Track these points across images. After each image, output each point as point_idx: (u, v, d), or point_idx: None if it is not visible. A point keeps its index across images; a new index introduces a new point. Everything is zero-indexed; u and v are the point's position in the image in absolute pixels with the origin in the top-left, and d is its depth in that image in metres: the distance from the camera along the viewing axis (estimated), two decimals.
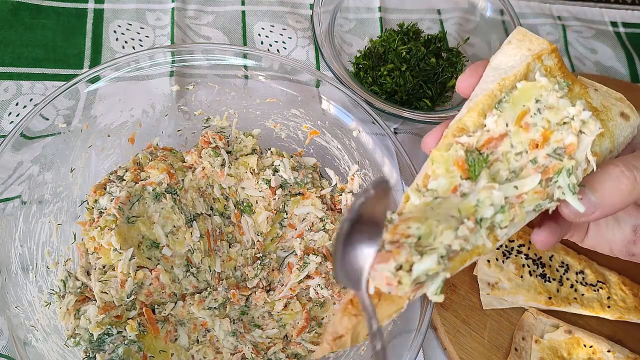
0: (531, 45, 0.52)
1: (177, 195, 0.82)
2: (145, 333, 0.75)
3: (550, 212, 0.50)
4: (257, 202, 0.88)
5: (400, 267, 0.43)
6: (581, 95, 0.52)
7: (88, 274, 0.77)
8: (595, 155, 0.49)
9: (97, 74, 0.81)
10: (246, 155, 0.89)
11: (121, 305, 0.75)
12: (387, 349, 0.74)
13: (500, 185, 0.47)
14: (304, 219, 0.88)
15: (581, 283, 0.90)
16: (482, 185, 0.46)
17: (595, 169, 0.49)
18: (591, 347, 0.84)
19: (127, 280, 0.74)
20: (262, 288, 0.83)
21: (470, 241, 0.45)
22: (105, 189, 0.81)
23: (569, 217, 0.51)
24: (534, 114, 0.49)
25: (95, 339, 0.73)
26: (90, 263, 0.78)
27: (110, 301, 0.74)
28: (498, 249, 0.90)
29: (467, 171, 0.48)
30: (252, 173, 0.87)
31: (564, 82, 0.50)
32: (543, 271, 0.90)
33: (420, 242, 0.44)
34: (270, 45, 1.12)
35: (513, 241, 0.91)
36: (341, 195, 0.90)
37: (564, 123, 0.48)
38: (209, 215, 0.86)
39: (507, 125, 0.48)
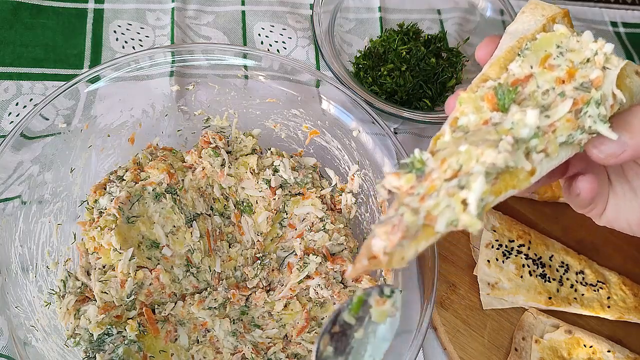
0: (544, 11, 0.54)
1: (177, 195, 0.82)
2: (145, 333, 0.75)
3: (582, 146, 0.50)
4: (257, 202, 0.88)
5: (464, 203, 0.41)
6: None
7: (88, 274, 0.77)
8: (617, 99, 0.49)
9: (97, 74, 0.81)
10: (246, 155, 0.89)
11: (121, 305, 0.75)
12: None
13: (532, 110, 0.46)
14: (304, 219, 0.88)
15: (581, 283, 0.90)
16: (515, 111, 0.46)
17: (624, 100, 0.49)
18: (591, 347, 0.84)
19: (127, 280, 0.74)
20: (262, 288, 0.83)
21: (513, 157, 0.43)
22: (105, 189, 0.81)
23: (598, 158, 0.50)
24: (557, 56, 0.50)
25: (95, 339, 0.73)
26: (90, 263, 0.78)
27: (110, 301, 0.74)
28: (498, 248, 0.90)
29: (497, 105, 0.48)
30: (252, 173, 0.87)
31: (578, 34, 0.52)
32: (543, 271, 0.90)
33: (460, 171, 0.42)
34: (270, 45, 1.12)
35: (513, 241, 0.91)
36: (341, 195, 0.90)
37: (587, 61, 0.49)
38: (209, 215, 0.86)
39: (531, 67, 0.50)
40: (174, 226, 0.81)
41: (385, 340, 0.49)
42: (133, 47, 1.06)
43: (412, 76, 1.03)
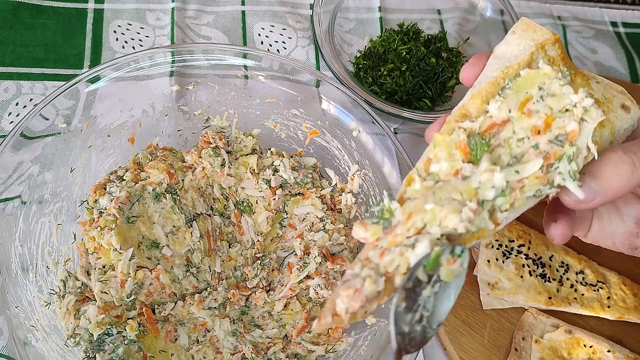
0: (535, 35, 0.52)
1: (177, 195, 0.82)
2: (145, 333, 0.75)
3: (549, 198, 0.51)
4: (257, 202, 0.88)
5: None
6: (583, 85, 0.52)
7: (88, 274, 0.77)
8: (596, 144, 0.49)
9: (97, 74, 0.81)
10: (246, 155, 0.89)
11: (121, 305, 0.75)
12: (386, 349, 0.74)
13: (501, 169, 0.47)
14: (304, 219, 0.88)
15: (581, 283, 0.90)
16: (484, 168, 0.47)
17: (596, 157, 0.49)
18: (591, 347, 0.84)
19: (127, 280, 0.74)
20: (262, 288, 0.83)
21: (474, 223, 0.46)
22: (105, 189, 0.81)
23: (569, 204, 0.51)
24: (537, 101, 0.49)
25: (95, 339, 0.73)
26: (90, 263, 0.78)
27: (110, 301, 0.74)
28: (498, 248, 0.90)
29: (469, 155, 0.48)
30: (252, 173, 0.87)
31: (566, 71, 0.51)
32: (543, 271, 0.90)
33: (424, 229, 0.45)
34: (270, 45, 1.12)
35: (513, 241, 0.91)
36: (341, 195, 0.90)
37: (566, 110, 0.49)
38: (209, 215, 0.86)
39: (509, 111, 0.49)
40: (174, 226, 0.81)
41: (449, 301, 0.47)
42: (133, 47, 1.06)
43: (412, 76, 1.03)
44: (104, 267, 0.77)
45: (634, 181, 0.50)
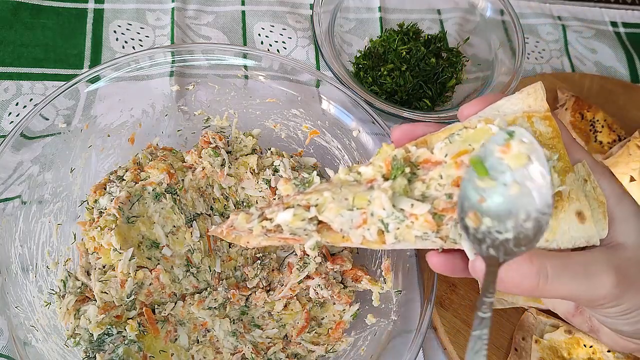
0: (533, 103, 0.51)
1: (177, 195, 0.82)
2: (145, 333, 0.75)
3: (439, 250, 0.51)
4: (257, 202, 0.88)
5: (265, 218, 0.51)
6: (563, 173, 0.50)
7: (88, 274, 0.77)
8: None
9: (97, 74, 0.81)
10: (246, 155, 0.89)
11: (121, 305, 0.75)
12: (386, 349, 0.74)
13: (398, 195, 0.48)
14: None
15: None
16: (382, 187, 0.48)
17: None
18: (591, 347, 0.84)
19: (127, 280, 0.74)
20: (262, 288, 0.83)
21: (353, 226, 0.49)
22: (105, 189, 0.81)
23: (471, 271, 0.50)
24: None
25: (95, 339, 0.73)
26: (90, 263, 0.78)
27: (110, 301, 0.74)
28: None
29: (389, 172, 0.50)
30: (252, 173, 0.87)
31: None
32: None
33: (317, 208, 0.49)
34: (270, 45, 1.12)
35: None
36: None
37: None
38: (209, 215, 0.86)
39: (445, 156, 0.50)
40: (174, 226, 0.81)
41: (545, 178, 0.45)
42: (133, 47, 1.06)
43: (412, 76, 1.03)
44: (104, 267, 0.77)
45: (535, 296, 0.49)
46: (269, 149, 0.91)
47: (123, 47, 1.06)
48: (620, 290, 0.48)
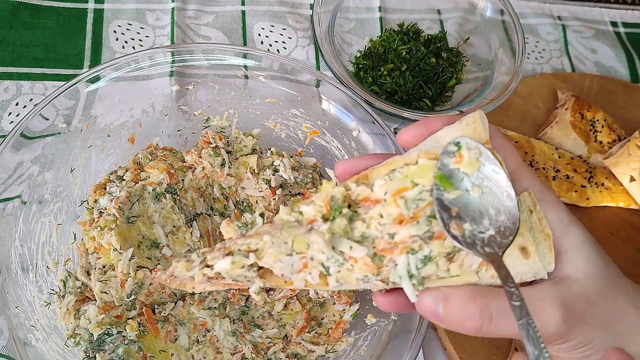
0: (472, 133, 0.50)
1: (177, 195, 0.82)
2: (145, 333, 0.75)
3: (383, 291, 0.51)
4: (257, 202, 0.88)
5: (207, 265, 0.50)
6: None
7: (88, 274, 0.77)
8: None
9: (97, 74, 0.81)
10: (246, 155, 0.89)
11: (121, 305, 0.75)
12: (386, 349, 0.74)
13: (338, 237, 0.47)
14: None
15: None
16: (321, 229, 0.48)
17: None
18: None
19: (127, 280, 0.74)
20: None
21: (294, 271, 0.48)
22: (105, 189, 0.81)
23: (417, 308, 0.49)
24: (420, 192, 0.48)
25: (95, 339, 0.73)
26: (90, 263, 0.78)
27: (110, 301, 0.74)
28: None
29: (328, 212, 0.49)
30: (252, 173, 0.87)
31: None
32: None
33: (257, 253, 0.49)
34: (270, 45, 1.12)
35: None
36: None
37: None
38: (209, 215, 0.86)
39: (384, 194, 0.48)
40: (174, 226, 0.81)
41: (499, 174, 0.48)
42: (133, 47, 1.06)
43: (412, 76, 1.03)
44: (104, 267, 0.77)
45: (479, 335, 0.47)
46: (269, 149, 0.91)
47: (123, 47, 1.06)
48: (568, 326, 0.47)
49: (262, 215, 0.53)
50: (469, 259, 0.48)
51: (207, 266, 0.50)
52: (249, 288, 0.50)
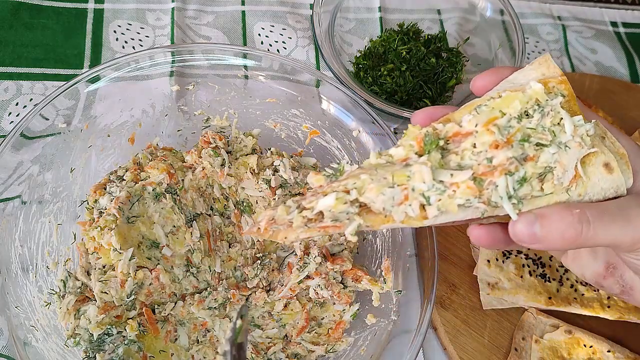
0: (546, 70, 0.54)
1: (177, 195, 0.82)
2: (145, 333, 0.75)
3: (482, 216, 0.52)
4: (257, 202, 0.88)
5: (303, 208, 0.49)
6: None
7: (88, 274, 0.77)
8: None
9: (97, 74, 0.81)
10: (246, 155, 0.89)
11: (121, 305, 0.75)
12: (386, 349, 0.74)
13: (436, 168, 0.50)
14: None
15: (581, 283, 0.90)
16: (419, 161, 0.50)
17: (584, 179, 0.51)
18: (591, 347, 0.84)
19: (127, 280, 0.74)
20: (262, 288, 0.83)
21: (395, 204, 0.49)
22: (105, 189, 0.81)
23: (512, 236, 0.51)
24: (513, 118, 0.51)
25: (95, 339, 0.73)
26: (90, 263, 0.78)
27: (110, 301, 0.74)
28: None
29: (422, 149, 0.51)
30: (252, 173, 0.87)
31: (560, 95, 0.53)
32: (543, 271, 0.90)
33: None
34: (270, 45, 1.12)
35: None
36: None
37: (552, 132, 0.51)
38: (209, 215, 0.86)
39: (475, 126, 0.51)
40: (174, 226, 0.81)
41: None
42: (133, 47, 1.06)
43: (412, 76, 1.03)
44: (104, 267, 0.77)
45: (577, 246, 0.50)
46: (269, 149, 0.91)
47: (123, 47, 1.06)
48: None
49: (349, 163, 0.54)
50: (559, 177, 0.50)
51: (305, 209, 0.50)
52: (344, 230, 0.50)
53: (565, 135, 0.50)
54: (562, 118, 0.51)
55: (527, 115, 0.51)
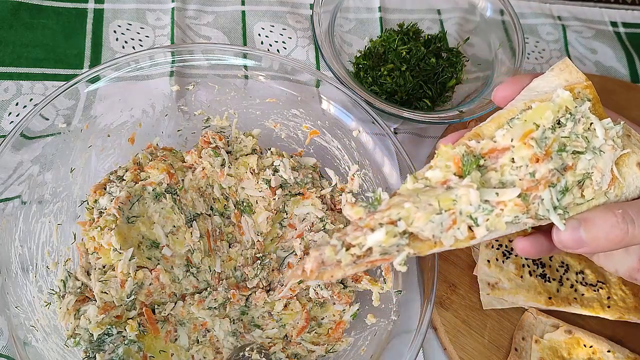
0: (569, 76, 0.55)
1: (177, 195, 0.82)
2: (145, 333, 0.75)
3: (528, 229, 0.52)
4: (257, 202, 0.88)
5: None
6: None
7: (88, 274, 0.77)
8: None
9: (97, 74, 0.81)
10: (246, 155, 0.89)
11: (121, 305, 0.75)
12: (386, 349, 0.74)
13: (482, 188, 0.49)
14: (304, 219, 0.88)
15: (581, 283, 0.90)
16: (464, 183, 0.49)
17: (621, 181, 0.51)
18: (591, 347, 0.84)
19: (127, 280, 0.74)
20: (262, 288, 0.83)
21: (444, 229, 0.49)
22: (105, 189, 0.81)
23: (557, 244, 0.52)
24: (548, 129, 0.51)
25: (95, 339, 0.73)
26: (90, 263, 0.78)
27: (110, 301, 0.74)
28: (498, 248, 0.90)
29: (460, 169, 0.50)
30: (252, 173, 0.87)
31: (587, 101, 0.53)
32: (543, 271, 0.90)
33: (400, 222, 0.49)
34: (270, 45, 1.12)
35: (512, 241, 0.91)
36: (341, 195, 0.90)
37: (585, 139, 0.51)
38: (209, 215, 0.86)
39: (511, 140, 0.51)
40: (174, 226, 0.81)
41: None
42: (133, 47, 1.06)
43: (412, 76, 1.03)
44: (104, 267, 0.77)
45: (623, 245, 0.51)
46: (269, 149, 0.91)
47: (123, 47, 1.05)
48: None
49: (384, 190, 0.54)
50: (597, 182, 0.51)
51: (352, 246, 0.49)
52: (392, 262, 0.49)
53: (597, 139, 0.51)
54: (592, 123, 0.51)
55: (559, 124, 0.51)
